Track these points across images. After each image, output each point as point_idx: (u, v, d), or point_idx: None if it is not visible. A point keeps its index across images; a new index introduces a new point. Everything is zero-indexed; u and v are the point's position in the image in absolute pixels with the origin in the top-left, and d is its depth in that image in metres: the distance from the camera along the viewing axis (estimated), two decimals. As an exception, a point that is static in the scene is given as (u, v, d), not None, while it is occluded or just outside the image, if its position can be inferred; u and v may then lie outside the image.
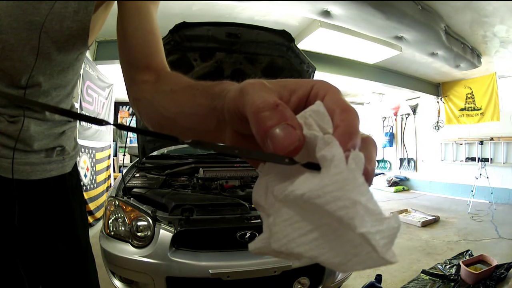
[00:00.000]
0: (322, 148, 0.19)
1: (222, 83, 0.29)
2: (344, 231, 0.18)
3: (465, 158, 5.97)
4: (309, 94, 0.23)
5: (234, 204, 1.73)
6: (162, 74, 0.46)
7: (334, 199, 0.17)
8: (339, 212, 0.17)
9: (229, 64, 2.17)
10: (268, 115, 0.20)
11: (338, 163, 0.18)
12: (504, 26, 3.45)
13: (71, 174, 0.73)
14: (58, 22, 0.54)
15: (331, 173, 0.18)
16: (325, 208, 0.18)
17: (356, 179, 0.18)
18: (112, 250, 1.54)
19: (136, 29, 0.49)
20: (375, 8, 2.85)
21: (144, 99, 0.44)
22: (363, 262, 0.18)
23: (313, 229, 0.19)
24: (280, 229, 0.19)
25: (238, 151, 0.20)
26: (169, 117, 0.37)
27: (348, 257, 0.18)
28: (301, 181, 0.19)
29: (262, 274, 1.52)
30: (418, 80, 5.92)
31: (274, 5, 2.98)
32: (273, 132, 0.19)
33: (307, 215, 0.19)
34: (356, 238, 0.18)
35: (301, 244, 0.19)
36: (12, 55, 0.54)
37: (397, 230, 0.18)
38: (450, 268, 2.52)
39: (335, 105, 0.21)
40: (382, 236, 0.17)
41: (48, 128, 0.64)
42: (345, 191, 0.17)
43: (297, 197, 0.19)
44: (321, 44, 3.99)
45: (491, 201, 5.07)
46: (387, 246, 0.17)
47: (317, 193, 0.18)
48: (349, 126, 0.20)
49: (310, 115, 0.21)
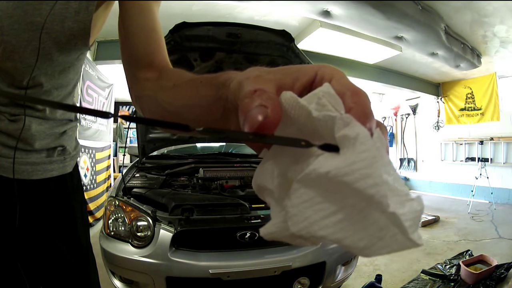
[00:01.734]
0: (342, 128, 0.18)
1: (226, 73, 0.28)
2: (369, 213, 0.17)
3: (465, 158, 5.97)
4: (314, 80, 0.22)
5: (234, 204, 1.73)
6: (164, 71, 0.45)
7: (363, 177, 0.16)
8: (369, 190, 0.16)
9: (229, 64, 2.17)
10: (247, 102, 0.20)
11: (364, 140, 0.17)
12: (504, 26, 3.45)
13: (72, 174, 0.73)
14: (59, 23, 0.54)
15: (357, 150, 0.17)
16: (353, 187, 0.16)
17: (383, 158, 0.17)
18: (112, 250, 1.54)
19: (138, 28, 0.49)
20: (375, 8, 2.85)
21: (147, 96, 0.44)
22: (388, 245, 0.17)
23: (336, 211, 0.18)
24: (299, 211, 0.18)
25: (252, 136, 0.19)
26: (173, 111, 0.37)
27: (373, 240, 0.17)
28: (322, 160, 0.18)
29: (262, 274, 1.52)
30: (418, 80, 5.92)
31: (274, 5, 2.99)
32: (247, 115, 0.19)
33: (329, 196, 0.18)
34: (382, 220, 0.17)
35: (324, 226, 0.17)
36: (13, 56, 0.54)
37: (421, 212, 0.17)
38: (450, 268, 2.52)
39: (344, 88, 0.20)
40: (406, 218, 0.16)
41: (49, 128, 0.64)
42: (375, 168, 0.16)
43: (320, 175, 0.17)
44: (321, 44, 3.99)
45: (491, 201, 5.07)
46: (413, 228, 0.17)
47: (344, 170, 0.17)
48: (364, 107, 0.19)
49: (324, 95, 0.20)
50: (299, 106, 0.20)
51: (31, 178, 0.63)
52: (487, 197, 5.16)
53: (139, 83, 0.46)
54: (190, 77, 0.37)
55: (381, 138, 0.18)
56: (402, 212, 0.16)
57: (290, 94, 0.20)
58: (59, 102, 0.49)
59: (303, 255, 1.60)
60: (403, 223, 0.16)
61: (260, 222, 1.62)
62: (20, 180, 0.61)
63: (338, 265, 1.73)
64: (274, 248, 1.61)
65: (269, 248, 1.61)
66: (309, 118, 0.19)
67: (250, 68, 0.24)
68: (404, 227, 0.16)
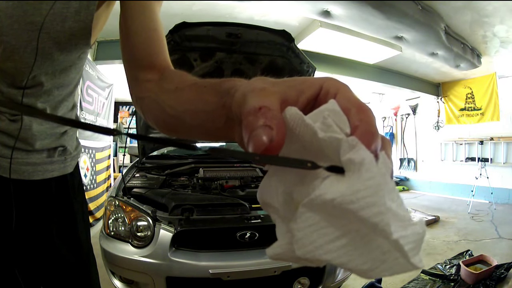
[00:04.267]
0: (347, 151, 0.18)
1: (230, 80, 0.28)
2: (372, 238, 0.18)
3: (465, 158, 5.97)
4: (319, 93, 0.22)
5: (234, 204, 1.73)
6: (166, 72, 0.45)
7: (368, 205, 0.17)
8: (374, 219, 0.17)
9: (229, 64, 2.17)
10: (251, 120, 0.20)
11: (369, 167, 0.17)
12: (504, 26, 3.45)
13: (73, 174, 0.73)
14: (59, 22, 0.53)
15: (363, 178, 0.17)
16: (358, 215, 0.17)
17: (388, 184, 0.18)
18: (112, 250, 1.54)
19: (139, 28, 0.48)
20: (375, 8, 2.85)
21: (148, 98, 0.43)
22: (391, 268, 0.17)
23: (341, 236, 0.18)
24: (305, 235, 0.19)
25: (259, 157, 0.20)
26: (175, 115, 0.36)
27: (376, 263, 0.18)
28: (327, 185, 0.18)
29: (262, 274, 1.52)
30: (418, 80, 5.92)
31: (274, 5, 2.98)
32: (251, 135, 0.20)
33: (334, 221, 0.18)
34: (385, 245, 0.17)
35: (328, 251, 0.18)
36: (13, 56, 0.54)
37: (423, 235, 0.18)
38: (450, 268, 2.52)
39: (350, 104, 0.20)
40: (408, 241, 0.17)
41: (50, 128, 0.64)
42: (379, 197, 0.17)
43: (326, 202, 0.18)
44: (321, 44, 3.98)
45: (491, 201, 5.07)
46: (414, 251, 0.17)
47: (349, 198, 0.17)
48: (369, 126, 0.19)
49: (329, 115, 0.20)
50: (304, 125, 0.20)
51: (32, 179, 0.62)
52: (487, 197, 5.16)
53: (140, 84, 0.46)
54: (193, 81, 0.36)
55: (386, 163, 0.18)
56: (404, 234, 0.17)
57: (295, 110, 0.20)
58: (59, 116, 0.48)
59: (303, 255, 1.60)
60: (404, 248, 0.17)
61: (260, 222, 1.62)
62: (21, 180, 0.61)
63: (338, 265, 1.72)
64: (274, 248, 1.61)
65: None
66: (315, 137, 0.19)
67: (254, 78, 0.24)
68: (405, 252, 0.17)
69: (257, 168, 2.38)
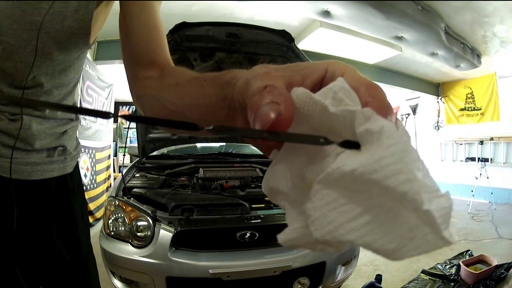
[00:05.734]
0: (363, 122, 0.17)
1: (231, 72, 0.28)
2: (398, 213, 0.16)
3: (465, 158, 5.97)
4: (324, 77, 0.21)
5: (234, 204, 1.73)
6: (166, 69, 0.44)
7: (394, 173, 0.15)
8: (402, 187, 0.15)
9: (229, 64, 2.16)
10: (256, 99, 0.19)
11: (390, 133, 0.16)
12: (504, 26, 3.45)
13: (73, 174, 0.73)
14: (59, 22, 0.53)
15: (384, 145, 0.16)
16: (383, 184, 0.15)
17: (412, 152, 0.16)
18: (112, 250, 1.54)
19: (139, 25, 0.48)
20: (375, 8, 2.85)
21: (148, 95, 0.42)
22: (419, 246, 0.16)
23: (363, 212, 0.16)
24: (323, 214, 0.17)
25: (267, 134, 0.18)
26: (175, 110, 0.36)
27: (404, 242, 0.16)
28: (344, 158, 0.17)
29: (262, 274, 1.52)
30: (418, 80, 5.92)
31: (274, 5, 2.98)
32: (258, 112, 0.19)
33: (354, 196, 0.16)
34: (412, 220, 0.16)
35: (351, 230, 0.16)
36: (13, 56, 0.54)
37: (450, 209, 0.16)
38: (450, 268, 2.52)
39: (358, 83, 0.19)
40: (438, 215, 0.15)
41: (50, 127, 0.64)
42: (406, 163, 0.15)
43: (345, 174, 0.16)
44: (321, 44, 3.98)
45: (491, 201, 5.07)
46: (444, 225, 0.15)
47: (372, 167, 0.15)
48: (382, 100, 0.19)
49: (340, 90, 0.18)
50: (313, 102, 0.18)
51: (31, 179, 0.62)
52: (487, 197, 5.16)
53: (140, 82, 0.46)
54: (194, 75, 0.36)
55: (406, 132, 0.17)
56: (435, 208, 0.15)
57: (302, 90, 0.19)
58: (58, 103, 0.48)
59: (303, 255, 1.60)
60: (436, 220, 0.15)
61: (260, 222, 1.62)
62: (20, 180, 0.60)
63: (338, 265, 1.73)
64: (274, 248, 1.61)
65: (269, 248, 1.61)
66: (325, 114, 0.18)
67: (256, 66, 0.23)
68: (437, 225, 0.15)
69: (257, 168, 2.38)
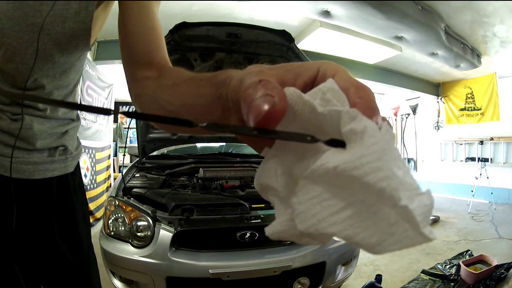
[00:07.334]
0: (348, 122, 0.17)
1: (226, 71, 0.28)
2: (379, 208, 0.16)
3: (465, 158, 5.98)
4: (316, 77, 0.22)
5: (234, 204, 1.73)
6: (164, 70, 0.45)
7: (373, 170, 0.16)
8: (380, 184, 0.16)
9: (229, 64, 2.17)
10: (250, 92, 0.20)
11: (372, 133, 0.17)
12: (504, 26, 3.45)
13: (74, 174, 0.73)
14: (60, 24, 0.54)
15: (366, 144, 0.16)
16: (363, 181, 0.16)
17: (393, 151, 0.17)
18: (112, 250, 1.54)
19: (137, 26, 0.49)
20: (375, 8, 2.85)
21: (146, 95, 0.43)
22: (400, 241, 0.16)
23: (345, 207, 0.17)
24: (307, 208, 0.18)
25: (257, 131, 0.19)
26: (172, 110, 0.37)
27: (384, 236, 0.16)
28: (329, 155, 0.17)
29: (262, 274, 1.52)
30: (418, 80, 5.92)
31: (274, 5, 2.99)
32: (252, 104, 0.19)
33: (337, 192, 0.17)
34: (392, 216, 0.16)
35: (333, 223, 0.17)
36: (14, 58, 0.54)
37: (431, 207, 0.17)
38: (450, 268, 2.52)
39: (348, 84, 0.20)
40: (418, 212, 0.16)
41: (51, 127, 0.64)
42: (385, 161, 0.16)
43: (328, 170, 0.17)
44: (321, 44, 3.99)
45: (491, 201, 5.07)
46: (424, 223, 0.16)
47: (353, 164, 0.16)
48: (369, 102, 0.19)
49: (328, 91, 0.19)
50: (303, 102, 0.19)
51: (32, 178, 0.62)
52: (487, 197, 5.17)
53: (139, 82, 0.46)
54: (190, 75, 0.37)
55: (389, 132, 0.18)
56: (412, 207, 0.16)
57: (293, 89, 0.20)
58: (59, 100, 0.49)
59: (303, 255, 1.60)
60: (415, 216, 0.15)
61: (260, 222, 1.62)
62: (22, 179, 0.61)
63: (338, 265, 1.73)
64: (274, 248, 1.61)
65: (269, 248, 1.61)
66: (314, 113, 0.19)
67: (250, 66, 0.23)
68: (416, 221, 0.16)
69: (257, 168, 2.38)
